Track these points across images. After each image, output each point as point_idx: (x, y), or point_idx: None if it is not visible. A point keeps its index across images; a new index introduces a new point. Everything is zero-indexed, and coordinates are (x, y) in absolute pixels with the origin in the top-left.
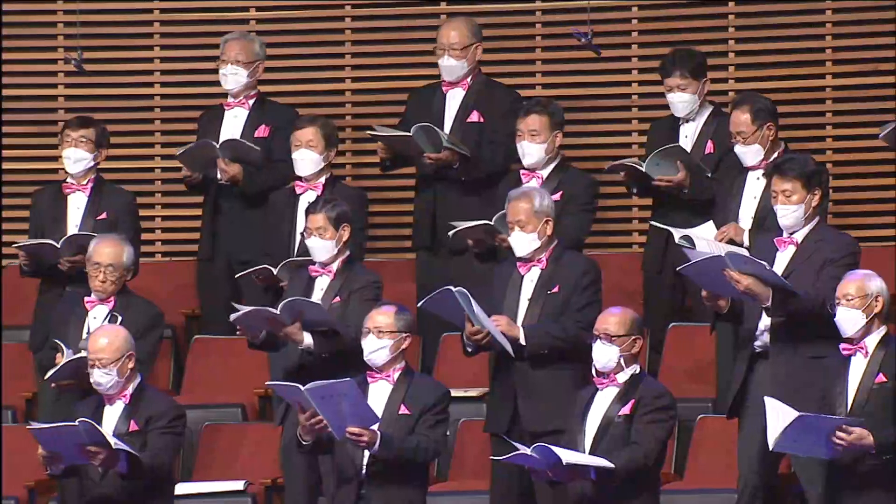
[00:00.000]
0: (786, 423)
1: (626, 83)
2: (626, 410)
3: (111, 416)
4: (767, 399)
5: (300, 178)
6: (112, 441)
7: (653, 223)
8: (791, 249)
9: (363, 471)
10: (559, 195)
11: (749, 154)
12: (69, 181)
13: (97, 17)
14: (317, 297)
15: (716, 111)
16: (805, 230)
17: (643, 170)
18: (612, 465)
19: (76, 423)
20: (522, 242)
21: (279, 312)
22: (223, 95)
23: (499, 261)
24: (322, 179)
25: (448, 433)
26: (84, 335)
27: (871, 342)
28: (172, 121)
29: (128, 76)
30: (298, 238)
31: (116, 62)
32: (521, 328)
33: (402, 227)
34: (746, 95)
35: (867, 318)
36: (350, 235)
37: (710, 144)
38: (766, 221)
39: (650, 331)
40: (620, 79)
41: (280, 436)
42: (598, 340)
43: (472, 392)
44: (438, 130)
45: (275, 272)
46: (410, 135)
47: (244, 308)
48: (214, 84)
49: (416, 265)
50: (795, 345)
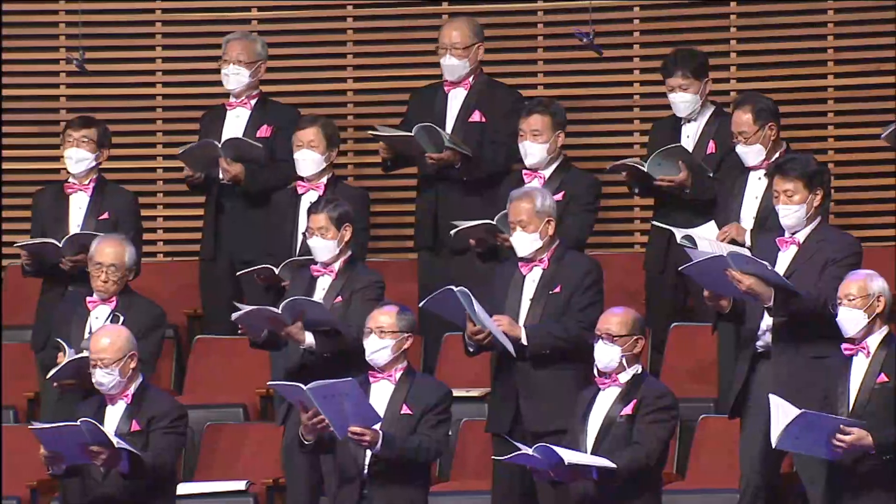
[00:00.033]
0: (788, 420)
1: (628, 83)
2: (628, 410)
3: (113, 416)
4: (772, 396)
5: (302, 178)
6: (114, 441)
7: (655, 223)
8: (793, 249)
9: (365, 470)
10: (561, 195)
11: (751, 154)
12: (71, 181)
13: (99, 17)
14: (318, 297)
15: (717, 111)
16: (807, 230)
17: (645, 170)
18: (614, 466)
19: (78, 423)
20: (524, 242)
21: (281, 312)
22: (225, 95)
23: (500, 261)
24: (324, 179)
25: (450, 433)
26: (86, 335)
27: (873, 342)
28: (174, 121)
29: (130, 76)
30: (300, 238)
31: (118, 62)
32: (523, 328)
33: (404, 227)
34: (748, 95)
35: (869, 319)
36: (352, 235)
37: (712, 144)
38: (768, 221)
39: (652, 331)
40: (622, 79)
41: (282, 435)
42: (600, 340)
43: (474, 392)
44: (440, 130)
45: (276, 272)
46: (412, 135)
47: (246, 307)
48: (216, 84)
49: (418, 265)
50: (797, 345)
